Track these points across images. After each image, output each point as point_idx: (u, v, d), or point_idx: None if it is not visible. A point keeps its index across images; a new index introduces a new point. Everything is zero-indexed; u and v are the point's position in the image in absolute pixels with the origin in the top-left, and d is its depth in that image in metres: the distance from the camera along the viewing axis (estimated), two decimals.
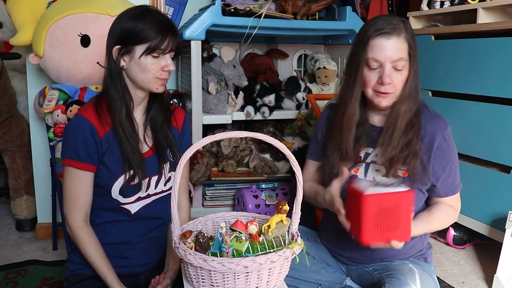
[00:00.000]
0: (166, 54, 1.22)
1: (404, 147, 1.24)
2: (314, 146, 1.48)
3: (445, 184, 1.31)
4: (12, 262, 2.00)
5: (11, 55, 2.38)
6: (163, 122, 1.32)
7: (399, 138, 1.24)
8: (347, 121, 1.29)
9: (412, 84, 1.23)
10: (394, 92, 1.23)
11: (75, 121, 1.22)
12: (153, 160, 1.29)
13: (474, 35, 1.85)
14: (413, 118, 1.26)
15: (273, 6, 2.08)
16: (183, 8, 2.24)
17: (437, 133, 1.27)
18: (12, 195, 2.38)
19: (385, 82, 1.20)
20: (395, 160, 1.24)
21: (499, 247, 1.64)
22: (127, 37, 1.20)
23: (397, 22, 1.21)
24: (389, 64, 1.20)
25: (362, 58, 1.22)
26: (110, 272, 1.21)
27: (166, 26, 1.21)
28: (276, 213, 1.03)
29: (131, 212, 1.27)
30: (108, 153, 1.23)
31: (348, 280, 1.39)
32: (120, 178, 1.23)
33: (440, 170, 1.29)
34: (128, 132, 1.23)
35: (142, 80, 1.22)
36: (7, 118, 2.31)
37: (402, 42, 1.20)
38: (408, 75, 1.22)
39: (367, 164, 1.31)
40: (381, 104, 1.24)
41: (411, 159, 1.24)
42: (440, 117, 1.30)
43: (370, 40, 1.20)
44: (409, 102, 1.24)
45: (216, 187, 2.23)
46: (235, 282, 0.93)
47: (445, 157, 1.29)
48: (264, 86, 2.24)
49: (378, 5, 2.64)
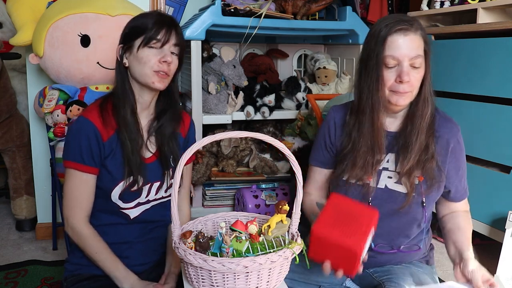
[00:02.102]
0: (164, 47, 1.21)
1: (423, 151, 1.20)
2: (322, 154, 1.37)
3: (459, 188, 1.29)
4: (12, 262, 2.01)
5: (11, 55, 2.38)
6: (171, 134, 1.31)
7: (421, 141, 1.20)
8: (379, 127, 1.21)
9: (429, 83, 1.19)
10: (411, 91, 1.17)
11: (79, 123, 1.21)
12: (155, 166, 1.28)
13: (474, 35, 1.85)
14: (429, 121, 1.21)
15: (273, 6, 2.08)
16: (183, 8, 2.24)
17: (451, 136, 1.24)
18: (12, 195, 2.38)
19: (404, 80, 1.14)
20: (415, 165, 1.20)
21: (499, 247, 1.64)
22: (128, 34, 1.23)
23: (410, 19, 1.17)
24: (407, 61, 1.15)
25: (380, 57, 1.16)
26: (122, 265, 1.22)
27: (164, 18, 1.22)
28: (276, 213, 1.03)
29: (130, 217, 1.27)
30: (111, 157, 1.22)
31: (348, 281, 1.39)
32: (121, 183, 1.22)
33: (454, 175, 1.26)
34: (131, 132, 1.22)
35: (140, 74, 1.21)
36: (7, 118, 2.31)
37: (419, 39, 1.16)
38: (425, 73, 1.18)
39: (379, 171, 1.26)
40: (399, 102, 1.17)
41: (430, 162, 1.20)
42: (452, 120, 1.27)
43: (388, 37, 1.15)
44: (428, 103, 1.19)
45: (216, 187, 2.23)
46: (235, 282, 0.93)
47: (459, 161, 1.27)
48: (264, 86, 2.24)
49: (378, 5, 2.64)
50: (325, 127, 1.37)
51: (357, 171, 1.23)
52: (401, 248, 1.27)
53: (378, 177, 1.26)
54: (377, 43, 1.16)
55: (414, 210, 1.24)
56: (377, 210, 1.08)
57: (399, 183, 1.24)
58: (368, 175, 1.23)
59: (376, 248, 1.26)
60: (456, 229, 1.27)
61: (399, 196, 1.23)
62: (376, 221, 1.06)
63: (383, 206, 1.24)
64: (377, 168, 1.25)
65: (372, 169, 1.23)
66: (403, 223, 1.26)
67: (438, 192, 1.26)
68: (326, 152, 1.36)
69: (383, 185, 1.25)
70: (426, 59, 1.18)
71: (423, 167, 1.20)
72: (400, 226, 1.26)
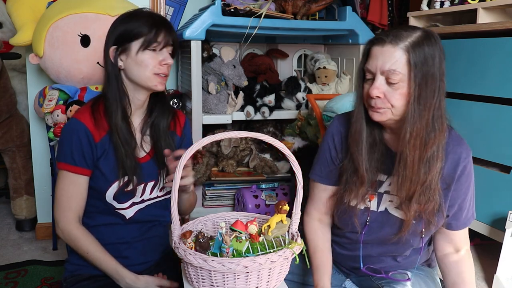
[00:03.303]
0: (163, 49, 1.21)
1: (423, 186, 1.08)
2: (326, 168, 1.24)
3: (457, 217, 1.17)
4: (12, 262, 2.01)
5: (11, 55, 2.38)
6: (165, 129, 1.30)
7: (416, 172, 1.07)
8: (355, 138, 1.13)
9: (417, 107, 1.03)
10: (388, 108, 1.06)
11: (71, 125, 1.21)
12: (150, 166, 1.28)
13: (474, 35, 1.85)
14: (435, 151, 1.08)
15: (273, 6, 2.08)
16: (183, 8, 2.24)
17: (459, 164, 1.13)
18: (12, 195, 2.38)
19: (372, 95, 1.05)
20: (413, 200, 1.10)
21: (499, 247, 1.64)
22: (122, 36, 1.20)
23: (406, 31, 1.04)
24: (380, 74, 1.04)
25: (360, 69, 1.11)
26: (117, 262, 1.21)
27: (159, 20, 1.22)
28: (276, 213, 1.03)
29: (126, 218, 1.27)
30: (103, 158, 1.21)
31: (347, 282, 1.38)
32: (115, 184, 1.21)
33: (456, 204, 1.16)
34: (123, 136, 1.21)
35: (140, 77, 1.21)
36: (7, 118, 2.31)
37: (399, 54, 1.02)
38: (409, 94, 1.03)
39: (379, 194, 1.18)
40: (373, 117, 1.08)
41: (429, 205, 1.10)
42: (463, 143, 1.15)
43: (366, 48, 1.09)
44: (420, 132, 1.05)
45: (216, 187, 2.23)
46: (235, 282, 0.93)
47: (463, 191, 1.15)
48: (264, 86, 2.24)
49: (378, 5, 2.64)
50: (328, 138, 1.25)
51: (353, 190, 1.16)
52: (389, 275, 1.22)
53: (379, 199, 1.19)
54: (363, 54, 1.11)
55: (412, 238, 1.18)
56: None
57: (399, 209, 1.16)
58: (363, 195, 1.16)
59: (363, 269, 1.22)
60: (460, 283, 1.18)
61: (396, 221, 1.17)
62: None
63: (381, 229, 1.20)
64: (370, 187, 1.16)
65: (361, 189, 1.15)
66: (398, 247, 1.21)
67: (438, 225, 1.17)
68: (332, 165, 1.24)
69: (384, 208, 1.19)
70: (411, 79, 1.02)
71: (423, 207, 1.10)
72: (395, 250, 1.22)
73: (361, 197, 1.16)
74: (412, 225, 1.13)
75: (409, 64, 1.02)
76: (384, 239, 1.20)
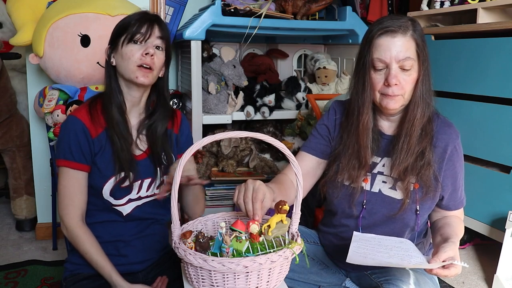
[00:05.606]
0: (147, 41, 1.22)
1: (418, 156, 1.18)
2: (315, 141, 1.34)
3: (454, 197, 1.26)
4: (12, 262, 2.01)
5: (11, 55, 2.38)
6: (162, 132, 1.31)
7: (414, 147, 1.17)
8: (363, 129, 1.21)
9: (423, 87, 1.16)
10: (402, 94, 1.15)
11: (68, 122, 1.23)
12: (146, 163, 1.29)
13: (474, 35, 1.85)
14: (426, 125, 1.19)
15: (273, 6, 2.08)
16: (183, 8, 2.24)
17: (449, 143, 1.21)
18: (12, 195, 2.38)
19: (391, 83, 1.13)
20: (408, 170, 1.18)
21: (499, 247, 1.64)
22: (114, 34, 1.25)
23: (404, 20, 1.15)
24: (395, 64, 1.13)
25: (367, 60, 1.16)
26: (112, 268, 1.21)
27: (146, 15, 1.24)
28: (276, 213, 1.03)
29: (123, 214, 1.27)
30: (100, 154, 1.23)
31: (347, 281, 1.39)
32: (111, 179, 1.23)
33: (450, 183, 1.23)
34: (120, 131, 1.23)
35: (125, 70, 1.22)
36: (7, 118, 2.31)
37: (409, 41, 1.13)
38: (418, 76, 1.15)
39: (373, 174, 1.25)
40: (389, 105, 1.16)
41: (425, 169, 1.18)
42: (452, 125, 1.24)
43: (374, 39, 1.15)
44: (423, 106, 1.16)
45: (216, 187, 2.23)
46: (235, 282, 0.93)
47: (456, 169, 1.23)
48: (264, 86, 2.24)
49: (378, 5, 2.64)
50: (324, 118, 1.36)
51: (349, 172, 1.23)
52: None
53: (372, 180, 1.25)
54: (366, 45, 1.17)
55: (408, 217, 1.23)
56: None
57: (394, 189, 1.22)
58: (359, 177, 1.22)
59: None
60: (445, 225, 1.24)
61: (393, 202, 1.22)
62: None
63: (377, 211, 1.24)
64: (367, 171, 1.23)
65: (359, 172, 1.22)
66: (395, 228, 1.25)
67: (433, 201, 1.24)
68: (322, 140, 1.33)
69: (377, 189, 1.24)
70: (419, 62, 1.16)
71: (418, 174, 1.18)
72: (392, 231, 1.24)
73: (357, 177, 1.23)
74: (407, 204, 1.20)
75: (417, 49, 1.15)
76: (381, 220, 1.24)
